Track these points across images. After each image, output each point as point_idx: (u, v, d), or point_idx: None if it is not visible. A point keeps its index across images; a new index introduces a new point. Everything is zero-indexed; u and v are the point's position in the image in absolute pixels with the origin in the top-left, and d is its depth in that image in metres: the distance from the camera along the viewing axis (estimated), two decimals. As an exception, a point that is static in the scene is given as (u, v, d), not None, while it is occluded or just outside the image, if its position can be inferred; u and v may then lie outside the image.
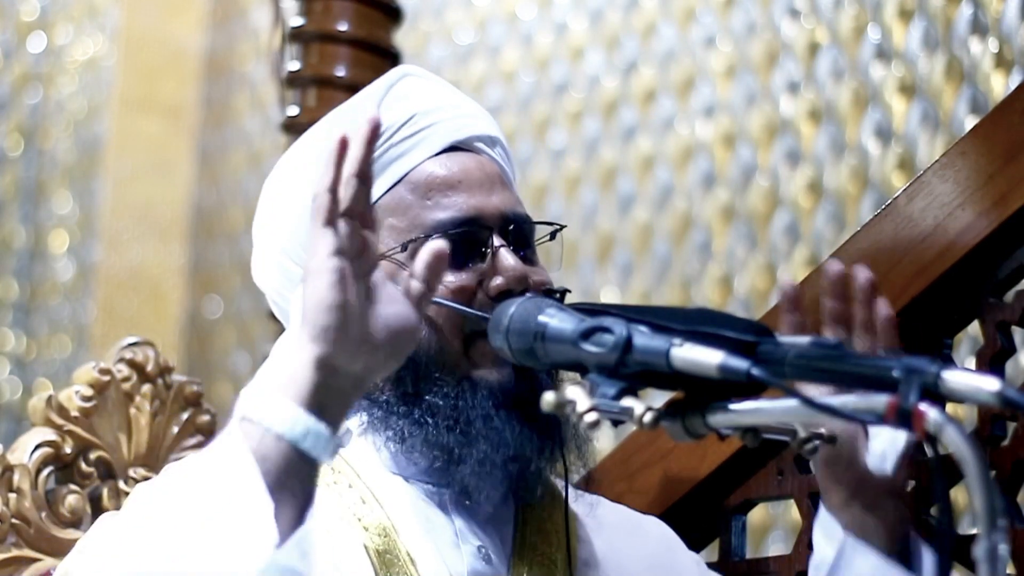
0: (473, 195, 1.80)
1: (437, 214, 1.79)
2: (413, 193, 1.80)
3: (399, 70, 1.94)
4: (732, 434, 1.57)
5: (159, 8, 5.33)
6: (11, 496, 2.01)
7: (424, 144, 1.83)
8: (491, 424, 1.72)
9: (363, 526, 1.72)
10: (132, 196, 5.23)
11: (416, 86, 1.91)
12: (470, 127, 1.87)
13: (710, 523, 2.18)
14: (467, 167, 1.83)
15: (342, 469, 1.76)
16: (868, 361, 1.43)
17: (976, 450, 1.29)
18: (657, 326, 1.54)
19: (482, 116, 1.91)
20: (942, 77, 3.34)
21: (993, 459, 1.92)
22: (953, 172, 1.96)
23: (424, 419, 1.74)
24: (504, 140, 1.92)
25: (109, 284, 5.18)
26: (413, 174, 1.81)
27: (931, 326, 2.01)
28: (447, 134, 1.85)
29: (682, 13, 3.98)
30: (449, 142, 1.84)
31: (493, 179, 1.83)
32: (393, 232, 1.79)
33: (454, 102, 1.90)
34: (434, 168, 1.82)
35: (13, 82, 5.22)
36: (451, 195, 1.80)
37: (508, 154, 1.92)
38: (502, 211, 1.81)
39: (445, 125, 1.85)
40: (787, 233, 3.67)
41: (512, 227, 1.80)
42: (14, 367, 5.15)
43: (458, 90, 1.95)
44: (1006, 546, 1.28)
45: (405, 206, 1.80)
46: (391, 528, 1.72)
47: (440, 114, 1.86)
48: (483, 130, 1.88)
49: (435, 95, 1.90)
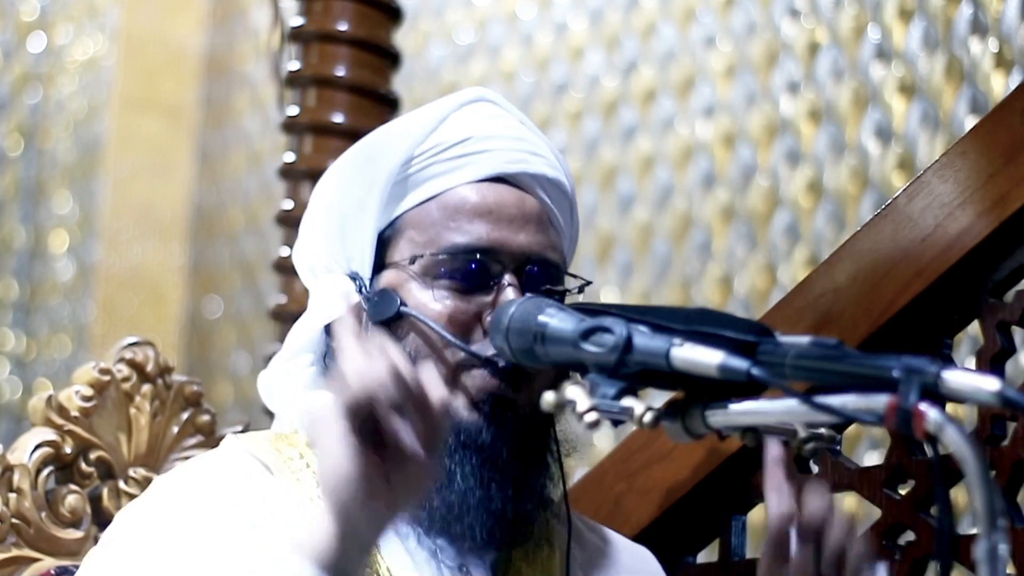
0: (499, 228, 1.76)
1: (455, 237, 1.75)
2: (441, 212, 1.77)
3: (476, 91, 1.87)
4: (732, 434, 1.57)
5: (159, 8, 5.33)
6: (11, 496, 2.01)
7: (469, 168, 1.78)
8: (447, 462, 1.70)
9: None
10: (132, 196, 5.23)
11: (485, 112, 1.84)
12: (524, 163, 1.80)
13: (710, 523, 2.18)
14: (504, 200, 1.78)
15: None
16: (868, 361, 1.43)
17: (976, 450, 1.29)
18: (657, 326, 1.54)
19: (547, 158, 1.83)
20: (942, 77, 3.34)
21: (993, 459, 1.92)
22: (953, 172, 1.96)
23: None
24: (570, 189, 1.85)
25: (109, 284, 5.18)
26: (448, 194, 1.77)
27: (931, 326, 2.01)
28: (496, 164, 1.79)
29: (682, 13, 3.98)
30: (496, 172, 1.79)
31: (528, 217, 1.78)
32: (410, 244, 1.77)
33: (519, 134, 1.83)
34: (469, 193, 1.77)
35: (13, 82, 5.22)
36: (476, 222, 1.76)
37: (570, 203, 1.85)
38: (524, 250, 1.75)
39: (497, 155, 1.80)
40: (787, 233, 3.68)
41: (529, 268, 1.75)
42: (14, 367, 5.15)
43: (532, 125, 1.88)
44: (1006, 546, 1.28)
45: (429, 222, 1.77)
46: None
47: (496, 143, 1.80)
48: (540, 170, 1.81)
49: (500, 123, 1.83)
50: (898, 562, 1.98)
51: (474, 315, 1.74)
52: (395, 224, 1.78)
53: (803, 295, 2.08)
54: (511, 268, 1.74)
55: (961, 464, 1.30)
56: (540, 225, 1.79)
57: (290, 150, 2.92)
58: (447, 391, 1.50)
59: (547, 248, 1.78)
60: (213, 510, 1.67)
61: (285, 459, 1.77)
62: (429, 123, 1.81)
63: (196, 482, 1.73)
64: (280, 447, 1.78)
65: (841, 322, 2.02)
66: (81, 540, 2.05)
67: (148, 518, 1.70)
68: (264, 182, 5.06)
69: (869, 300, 2.01)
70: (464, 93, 1.86)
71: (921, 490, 1.98)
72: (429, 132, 1.80)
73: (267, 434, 1.83)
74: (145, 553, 1.65)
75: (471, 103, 1.84)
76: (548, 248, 1.78)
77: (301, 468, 1.76)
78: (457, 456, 1.71)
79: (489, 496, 1.71)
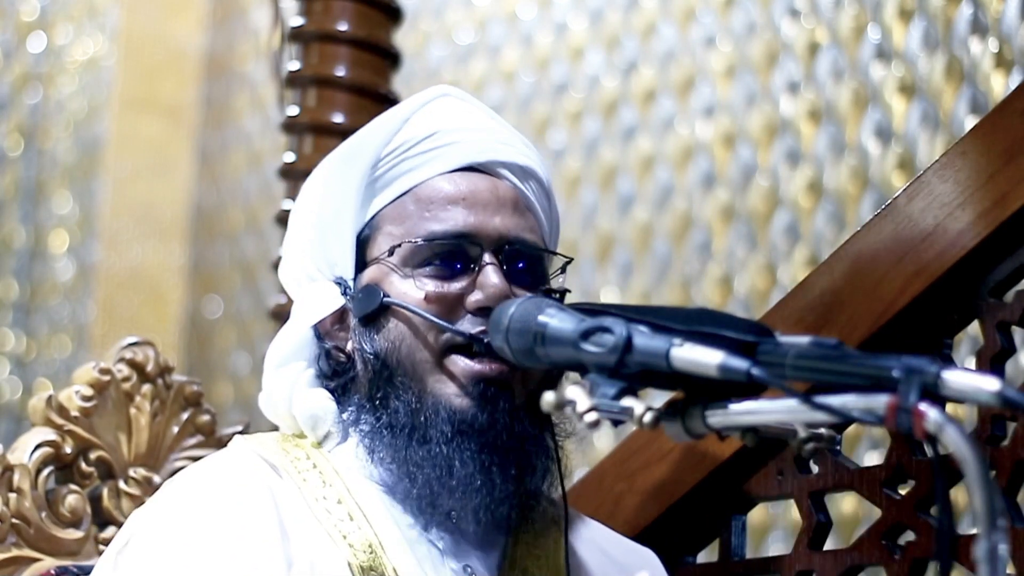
0: (474, 213, 1.78)
1: (432, 226, 1.77)
2: (416, 204, 1.79)
3: (439, 89, 1.90)
4: (732, 434, 1.57)
5: (159, 8, 5.33)
6: (11, 496, 2.01)
7: (439, 160, 1.81)
8: (444, 449, 1.71)
9: (348, 543, 1.72)
10: (132, 196, 5.23)
11: (450, 106, 1.87)
12: (494, 151, 1.83)
13: (710, 523, 2.18)
14: (477, 187, 1.80)
15: (333, 482, 1.76)
16: (868, 361, 1.43)
17: (976, 450, 1.29)
18: (657, 326, 1.54)
19: (517, 146, 1.86)
20: (942, 77, 3.34)
21: (993, 459, 1.92)
22: (953, 172, 1.96)
23: (384, 427, 1.74)
24: (545, 178, 1.87)
25: (109, 284, 5.18)
26: (421, 188, 1.80)
27: (931, 326, 2.01)
28: (466, 154, 1.82)
29: (682, 13, 3.98)
30: (467, 162, 1.81)
31: (503, 202, 1.80)
32: (388, 238, 1.79)
33: (487, 126, 1.86)
34: (442, 184, 1.80)
35: (13, 82, 5.22)
36: (451, 209, 1.78)
37: (546, 192, 1.87)
38: (501, 233, 1.78)
39: (467, 145, 1.82)
40: (787, 233, 3.67)
41: (508, 248, 1.77)
42: (14, 367, 5.15)
43: (501, 119, 1.90)
44: (1006, 546, 1.28)
45: (405, 215, 1.79)
46: (377, 545, 1.72)
47: (464, 134, 1.83)
48: (511, 158, 1.84)
49: (467, 116, 1.86)
50: (898, 562, 1.98)
51: (456, 297, 1.75)
52: (372, 223, 1.80)
53: (803, 295, 2.08)
54: (490, 250, 1.76)
55: (961, 464, 1.29)
56: (516, 209, 1.81)
57: (290, 150, 2.91)
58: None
59: (524, 230, 1.80)
60: (223, 514, 1.69)
61: (292, 460, 1.77)
62: (394, 123, 1.83)
63: (206, 485, 1.74)
64: (287, 448, 1.79)
65: (841, 322, 2.02)
66: (81, 540, 2.05)
67: (161, 523, 1.71)
68: (264, 182, 5.06)
69: (869, 300, 2.01)
70: (428, 92, 1.89)
71: (921, 490, 1.98)
72: (395, 131, 1.82)
73: (275, 435, 1.84)
74: (158, 558, 1.66)
75: (435, 99, 1.87)
76: (525, 230, 1.80)
77: (307, 469, 1.77)
78: (455, 443, 1.71)
79: (491, 480, 1.71)
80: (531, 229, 1.82)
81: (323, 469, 1.77)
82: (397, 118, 1.84)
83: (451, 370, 1.73)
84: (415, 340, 1.74)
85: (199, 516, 1.69)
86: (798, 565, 2.06)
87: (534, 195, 1.85)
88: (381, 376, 1.75)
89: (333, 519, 1.73)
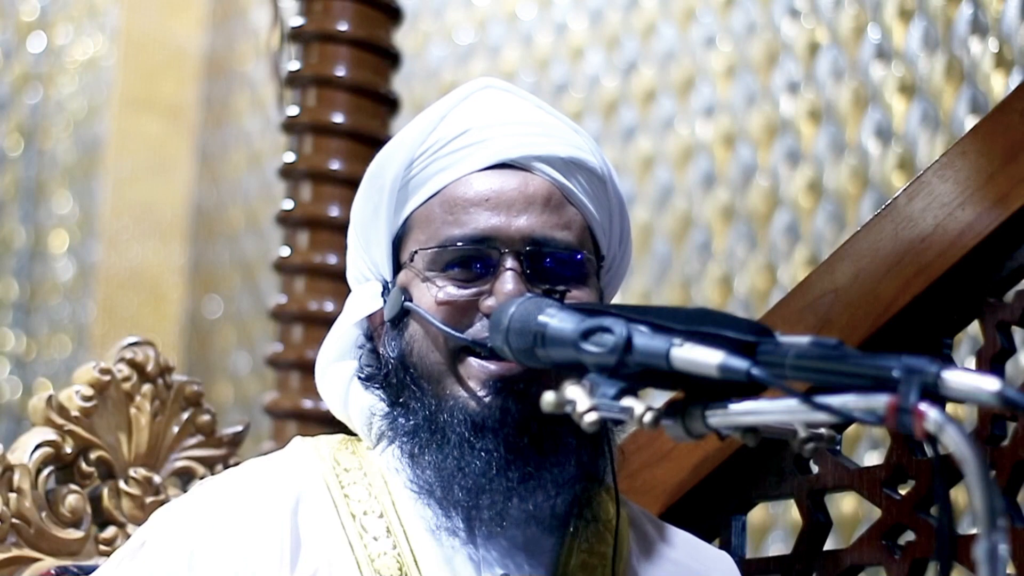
0: (496, 214, 1.74)
1: (452, 230, 1.74)
2: (441, 207, 1.76)
3: (481, 82, 1.85)
4: (732, 434, 1.57)
5: (159, 8, 5.33)
6: (11, 496, 2.01)
7: (469, 159, 1.77)
8: (463, 450, 1.70)
9: (380, 552, 1.71)
10: (132, 196, 5.24)
11: (489, 100, 1.82)
12: (529, 146, 1.78)
13: (710, 523, 2.18)
14: (504, 185, 1.75)
15: (379, 493, 1.75)
16: (868, 361, 1.42)
17: (976, 450, 1.29)
18: (657, 326, 1.54)
19: (561, 136, 1.80)
20: (942, 77, 3.34)
21: (993, 459, 1.92)
22: (953, 172, 1.96)
23: (410, 431, 1.73)
24: (598, 167, 1.81)
25: (109, 284, 5.18)
26: (448, 189, 1.76)
27: (931, 326, 2.01)
28: (497, 151, 1.77)
29: (682, 13, 3.98)
30: (498, 159, 1.77)
31: (532, 199, 1.75)
32: (415, 243, 1.77)
33: (525, 119, 1.81)
34: (469, 184, 1.76)
35: (13, 82, 5.23)
36: (473, 212, 1.74)
37: (601, 180, 1.81)
38: (525, 233, 1.73)
39: (498, 142, 1.77)
40: (787, 233, 3.68)
41: (530, 249, 1.73)
42: (14, 367, 5.15)
43: (548, 108, 1.84)
44: (1006, 546, 1.28)
45: (431, 219, 1.76)
46: (411, 564, 1.70)
47: (497, 130, 1.78)
48: (550, 150, 1.78)
49: (504, 110, 1.81)
50: (898, 562, 1.98)
51: (470, 301, 1.73)
52: (405, 225, 1.79)
53: (803, 295, 2.08)
54: (511, 252, 1.73)
55: (961, 464, 1.29)
56: (547, 205, 1.76)
57: (290, 150, 2.92)
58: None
59: (555, 228, 1.75)
60: (231, 527, 1.70)
61: (343, 469, 1.78)
62: (430, 121, 1.81)
63: (224, 494, 1.75)
64: (341, 455, 1.79)
65: (841, 322, 2.02)
66: (81, 540, 2.05)
67: (169, 529, 1.72)
68: (264, 182, 5.06)
69: (869, 300, 2.01)
70: (470, 84, 1.85)
71: (921, 490, 1.98)
72: (431, 130, 1.79)
73: (335, 439, 1.83)
74: (155, 563, 1.67)
75: (475, 93, 1.83)
76: (557, 227, 1.75)
77: (355, 481, 1.76)
78: (478, 446, 1.70)
79: (509, 480, 1.69)
80: (566, 225, 1.76)
81: (372, 479, 1.76)
82: (434, 115, 1.80)
83: (466, 372, 1.73)
84: (429, 343, 1.74)
85: (206, 528, 1.70)
86: (798, 565, 2.06)
87: (580, 188, 1.79)
88: (402, 379, 1.75)
89: (371, 534, 1.72)
